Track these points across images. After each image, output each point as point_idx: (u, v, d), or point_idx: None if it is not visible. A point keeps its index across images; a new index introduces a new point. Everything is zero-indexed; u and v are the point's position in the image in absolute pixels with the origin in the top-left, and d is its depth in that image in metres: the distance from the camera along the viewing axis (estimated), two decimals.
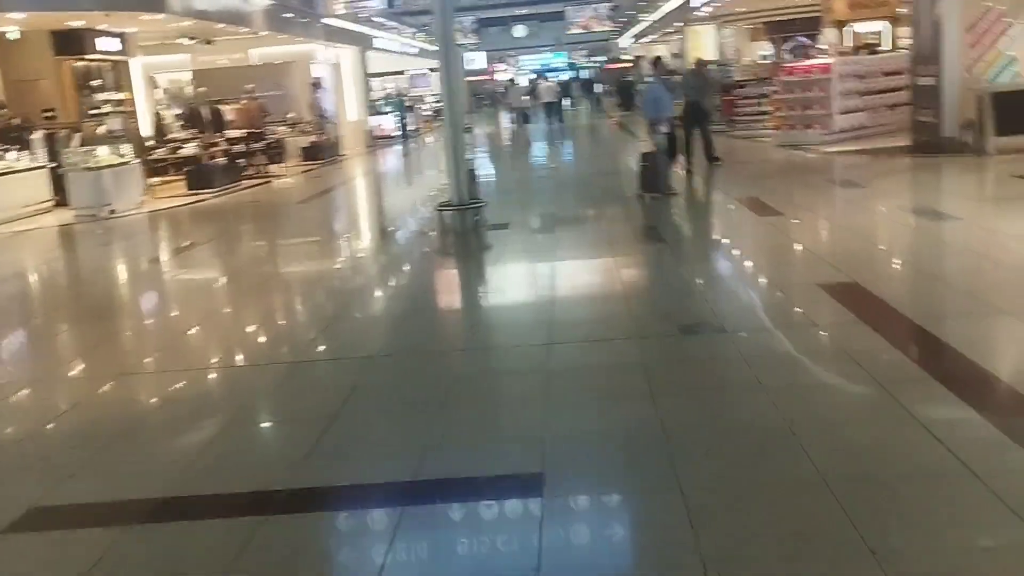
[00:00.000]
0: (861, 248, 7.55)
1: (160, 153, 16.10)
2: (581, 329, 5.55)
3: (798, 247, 7.64)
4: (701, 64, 15.10)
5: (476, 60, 49.78)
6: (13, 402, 5.03)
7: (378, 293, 7.47)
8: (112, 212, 13.26)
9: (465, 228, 9.37)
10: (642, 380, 4.47)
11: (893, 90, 16.31)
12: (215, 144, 16.93)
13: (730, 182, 12.20)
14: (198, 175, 15.54)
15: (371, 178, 18.58)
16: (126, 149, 14.12)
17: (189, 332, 6.39)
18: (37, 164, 14.25)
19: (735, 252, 7.99)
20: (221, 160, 16.48)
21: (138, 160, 14.52)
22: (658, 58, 13.02)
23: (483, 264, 8.33)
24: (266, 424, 4.64)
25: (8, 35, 17.02)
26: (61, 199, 13.88)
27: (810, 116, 16.05)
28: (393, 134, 28.30)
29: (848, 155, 13.84)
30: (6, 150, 14.18)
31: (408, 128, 29.75)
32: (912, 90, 13.75)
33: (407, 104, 31.10)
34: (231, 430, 4.32)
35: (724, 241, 8.66)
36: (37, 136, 14.74)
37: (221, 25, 17.98)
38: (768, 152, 15.33)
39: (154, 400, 4.93)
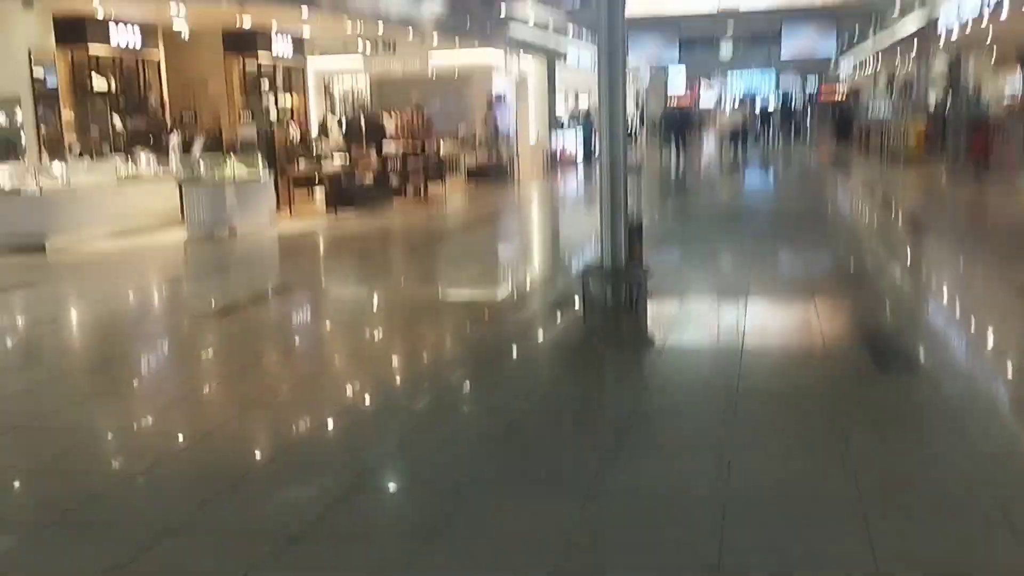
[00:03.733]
0: None
1: (302, 165, 14.50)
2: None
3: None
4: None
5: (677, 80, 46.61)
6: None
7: (451, 427, 4.61)
8: (232, 232, 11.68)
9: (617, 305, 6.75)
10: None
11: None
12: (365, 159, 15.20)
13: (999, 262, 8.92)
14: (339, 194, 13.83)
15: (536, 211, 16.22)
16: (259, 161, 12.55)
17: (139, 468, 4.17)
18: (167, 172, 13.00)
19: None
20: (368, 178, 14.72)
21: (272, 174, 12.90)
22: None
23: (629, 376, 5.55)
24: None
25: (181, 34, 16.25)
26: None
27: None
28: (577, 157, 25.99)
29: None
30: (136, 154, 13.03)
31: (594, 151, 27.42)
32: None
33: (595, 125, 28.72)
34: None
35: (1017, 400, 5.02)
36: (174, 141, 13.54)
37: (382, 26, 16.40)
38: None
39: None
